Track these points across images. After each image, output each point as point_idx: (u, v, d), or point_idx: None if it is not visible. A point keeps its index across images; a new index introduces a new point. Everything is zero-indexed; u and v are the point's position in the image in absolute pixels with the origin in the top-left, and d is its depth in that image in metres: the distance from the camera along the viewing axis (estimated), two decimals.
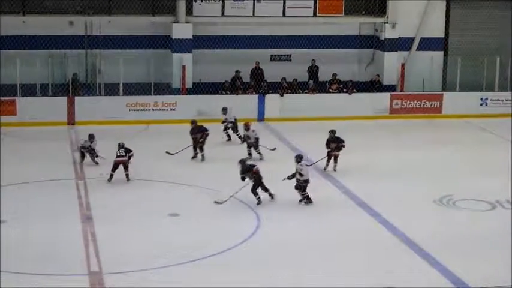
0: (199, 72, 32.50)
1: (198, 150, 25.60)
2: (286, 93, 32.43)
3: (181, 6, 32.38)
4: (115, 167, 22.92)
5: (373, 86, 33.81)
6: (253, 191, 20.91)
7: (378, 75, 33.98)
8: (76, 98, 30.83)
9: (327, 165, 24.36)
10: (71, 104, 30.67)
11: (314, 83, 33.44)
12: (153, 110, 31.11)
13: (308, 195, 21.10)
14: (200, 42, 32.72)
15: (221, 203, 20.62)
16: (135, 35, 32.77)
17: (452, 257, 17.51)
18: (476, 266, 17.15)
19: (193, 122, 26.00)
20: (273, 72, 33.07)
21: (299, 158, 21.23)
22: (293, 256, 17.77)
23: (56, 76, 31.99)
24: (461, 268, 16.90)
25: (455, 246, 18.31)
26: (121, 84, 31.63)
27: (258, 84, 32.92)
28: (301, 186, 21.07)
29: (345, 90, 33.16)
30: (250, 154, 25.33)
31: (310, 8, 33.71)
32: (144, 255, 17.60)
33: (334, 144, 24.25)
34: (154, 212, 20.45)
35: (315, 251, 18.00)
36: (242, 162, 21.38)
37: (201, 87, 32.31)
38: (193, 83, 32.46)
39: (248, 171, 21.01)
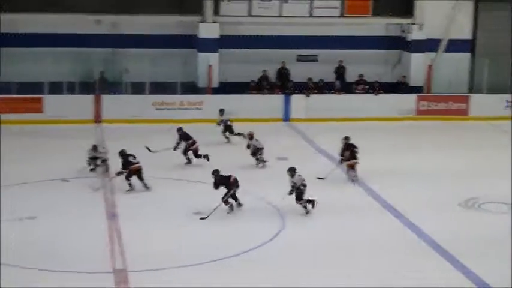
0: (225, 72, 32.53)
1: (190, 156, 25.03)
2: (312, 93, 32.40)
3: (208, 5, 32.46)
4: (131, 175, 22.02)
5: (400, 87, 33.68)
6: (225, 199, 20.24)
7: (405, 77, 33.86)
8: (103, 96, 30.97)
9: (349, 175, 23.60)
10: (97, 102, 30.82)
11: (340, 83, 33.38)
12: (178, 109, 31.19)
13: (308, 200, 20.61)
14: (226, 41, 32.73)
15: (205, 218, 19.82)
16: (161, 34, 32.86)
17: (477, 260, 17.39)
18: (501, 268, 17.03)
19: (179, 130, 25.31)
20: (299, 72, 33.05)
21: (293, 171, 20.68)
22: (317, 258, 17.71)
23: (83, 74, 32.15)
24: (486, 270, 16.79)
25: (480, 249, 18.19)
26: (147, 83, 31.74)
27: (284, 84, 32.90)
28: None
29: (371, 91, 33.07)
30: (258, 159, 24.95)
31: (338, 8, 33.65)
32: (169, 253, 17.62)
33: (348, 151, 23.53)
34: (179, 211, 20.46)
35: (339, 254, 17.94)
36: (216, 173, 20.48)
37: (226, 87, 32.33)
38: (220, 83, 32.50)
39: (225, 183, 20.30)
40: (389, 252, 17.99)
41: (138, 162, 22.09)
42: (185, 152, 24.88)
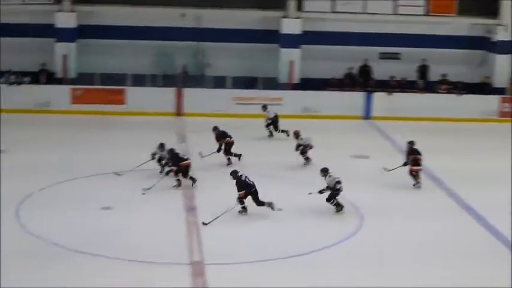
0: (307, 68, 32.45)
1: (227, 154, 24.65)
2: (394, 92, 32.11)
3: (292, 1, 32.42)
4: (180, 171, 21.87)
5: (483, 88, 33.13)
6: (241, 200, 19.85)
7: (488, 77, 33.29)
8: (184, 89, 31.21)
9: (415, 181, 22.82)
10: (179, 96, 31.08)
11: (423, 82, 33.01)
12: (259, 104, 31.19)
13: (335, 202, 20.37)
14: (309, 37, 32.62)
15: (207, 224, 19.18)
16: (244, 28, 32.93)
17: None
18: None
19: (215, 129, 24.96)
20: (381, 70, 32.77)
21: (325, 172, 20.41)
22: (394, 259, 17.58)
23: (166, 67, 32.46)
24: None
25: None
26: (229, 78, 31.88)
27: (365, 82, 32.69)
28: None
29: (454, 91, 32.61)
30: (307, 159, 24.59)
31: (422, 6, 33.26)
32: (247, 247, 17.70)
33: (412, 156, 22.74)
34: (255, 206, 20.40)
35: (417, 255, 17.79)
36: (234, 174, 20.03)
37: (307, 83, 32.25)
38: (300, 79, 32.45)
39: (242, 184, 19.81)
40: (469, 255, 17.73)
41: (188, 159, 22.19)
42: (226, 152, 24.48)
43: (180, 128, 28.77)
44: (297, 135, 24.56)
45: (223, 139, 24.39)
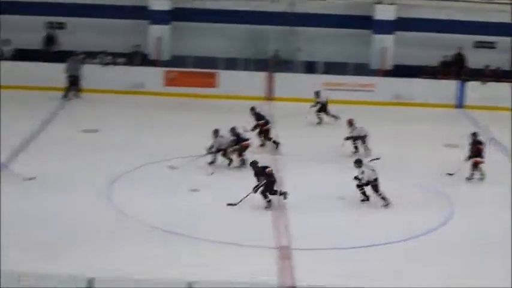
0: (400, 55, 32.10)
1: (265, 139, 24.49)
2: (489, 81, 31.52)
3: None
4: (243, 151, 22.23)
5: None
6: (264, 193, 19.40)
7: None
8: (275, 74, 31.24)
9: (471, 174, 22.10)
10: (270, 80, 31.12)
11: None
12: (349, 90, 31.04)
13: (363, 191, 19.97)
14: (403, 24, 32.26)
15: (235, 205, 19.18)
16: (336, 14, 32.73)
17: None
18: None
19: (253, 109, 24.81)
20: (476, 59, 32.20)
21: (359, 163, 19.98)
22: (484, 248, 17.30)
23: (257, 51, 32.53)
24: None
25: None
26: (319, 63, 31.78)
27: (459, 70, 32.16)
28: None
29: None
30: (356, 147, 23.96)
31: None
32: (333, 234, 17.66)
33: (476, 147, 22.08)
34: (342, 192, 20.30)
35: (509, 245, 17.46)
36: (253, 164, 19.80)
37: (400, 70, 31.90)
38: (393, 66, 32.14)
39: (261, 174, 19.49)
40: None
41: (249, 139, 22.44)
42: (259, 133, 24.32)
43: (270, 112, 28.76)
44: (350, 124, 24.08)
45: (259, 121, 24.33)
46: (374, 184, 19.64)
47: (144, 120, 27.11)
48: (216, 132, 22.29)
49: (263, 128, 24.32)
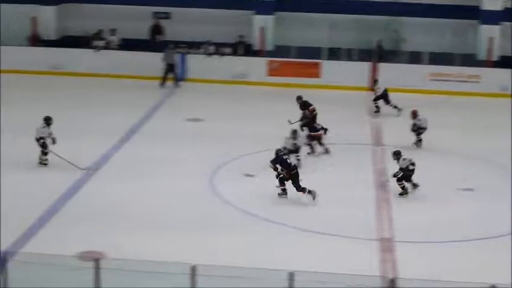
0: (505, 46, 31.43)
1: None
2: None
3: None
4: (314, 140, 22.35)
5: None
6: (281, 181, 19.00)
7: None
8: (379, 64, 31.00)
9: None
10: (373, 70, 30.91)
11: None
12: (455, 81, 30.57)
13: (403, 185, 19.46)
14: (508, 15, 31.60)
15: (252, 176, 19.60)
16: (442, 4, 32.22)
17: None
18: None
19: (299, 98, 24.48)
20: None
21: (398, 155, 19.52)
22: None
23: (361, 42, 32.36)
24: None
25: None
26: (425, 53, 31.39)
27: None
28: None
29: None
30: (420, 141, 23.38)
31: None
32: (436, 227, 17.46)
33: None
34: (447, 184, 20.10)
35: None
36: (277, 153, 19.28)
37: (506, 61, 31.20)
38: (500, 56, 31.48)
39: (280, 162, 19.07)
40: None
41: (321, 129, 22.34)
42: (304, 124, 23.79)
43: (372, 104, 28.57)
44: (414, 115, 23.50)
45: (305, 109, 23.99)
46: (409, 173, 19.32)
47: (247, 110, 27.29)
48: (294, 133, 21.57)
49: (313, 113, 23.84)
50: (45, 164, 20.71)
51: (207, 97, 28.48)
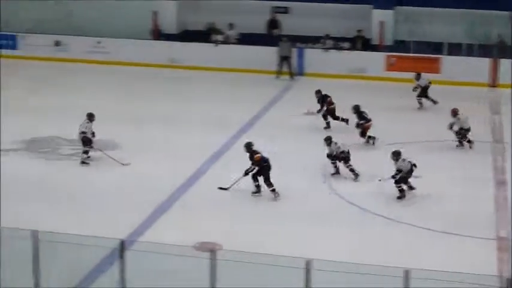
0: None
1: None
2: None
3: None
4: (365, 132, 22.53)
5: None
6: (254, 177, 18.56)
7: None
8: (501, 60, 30.30)
9: None
10: (494, 66, 30.26)
11: None
12: None
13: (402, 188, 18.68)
14: None
15: (226, 189, 18.77)
16: None
17: None
18: None
19: (318, 92, 24.59)
20: None
21: (397, 155, 18.65)
22: None
23: (481, 37, 31.75)
24: None
25: None
26: None
27: None
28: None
29: None
30: (460, 142, 22.48)
31: None
32: None
33: None
34: None
35: None
36: (248, 147, 18.85)
37: None
38: None
39: (251, 158, 18.58)
40: None
41: (370, 120, 22.44)
42: (325, 116, 24.12)
43: (494, 100, 28.02)
44: (454, 113, 22.59)
45: (324, 102, 24.09)
46: (408, 175, 18.64)
47: (366, 105, 27.00)
48: (328, 139, 20.42)
49: (330, 106, 24.12)
50: (87, 163, 20.60)
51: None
